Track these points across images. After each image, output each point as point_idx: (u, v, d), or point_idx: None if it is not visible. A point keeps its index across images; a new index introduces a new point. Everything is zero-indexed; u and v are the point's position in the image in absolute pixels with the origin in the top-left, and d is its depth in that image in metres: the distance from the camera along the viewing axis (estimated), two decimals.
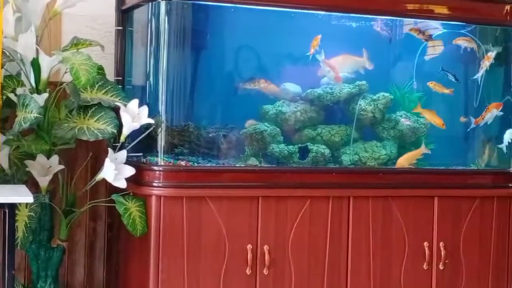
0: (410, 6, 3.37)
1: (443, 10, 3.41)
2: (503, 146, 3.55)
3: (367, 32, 3.46)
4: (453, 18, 3.47)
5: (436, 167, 3.48)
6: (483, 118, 3.54)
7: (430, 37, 3.44)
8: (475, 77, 3.57)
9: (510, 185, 3.50)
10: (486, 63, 3.51)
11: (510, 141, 3.53)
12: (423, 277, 3.30)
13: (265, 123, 3.29)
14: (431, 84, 3.48)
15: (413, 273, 3.28)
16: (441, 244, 3.32)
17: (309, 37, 3.31)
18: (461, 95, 3.65)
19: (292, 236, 3.08)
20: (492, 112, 3.53)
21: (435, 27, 3.54)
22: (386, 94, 3.46)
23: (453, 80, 3.48)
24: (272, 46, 3.37)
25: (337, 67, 3.36)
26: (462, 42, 3.52)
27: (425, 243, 3.30)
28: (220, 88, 3.33)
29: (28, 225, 2.86)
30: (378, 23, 3.44)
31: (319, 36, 3.27)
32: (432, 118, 3.46)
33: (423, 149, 3.41)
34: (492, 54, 3.51)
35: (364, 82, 3.42)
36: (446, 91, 3.48)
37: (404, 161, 3.37)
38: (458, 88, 3.60)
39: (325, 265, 3.13)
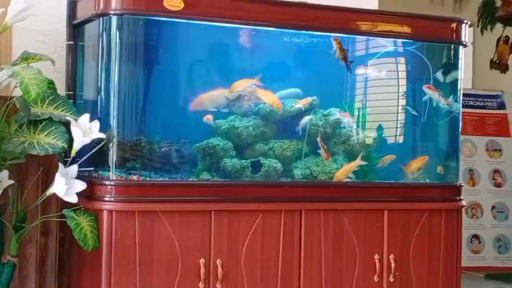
0: (360, 24, 3.43)
1: (391, 27, 3.48)
2: None
3: (316, 49, 3.50)
4: (401, 35, 3.55)
5: (385, 181, 3.54)
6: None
7: (344, 56, 3.42)
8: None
9: (458, 198, 3.58)
10: (443, 103, 3.58)
11: None
12: None
13: (218, 138, 3.31)
14: (426, 88, 3.55)
15: (364, 285, 3.32)
16: (391, 256, 3.37)
17: (261, 52, 3.36)
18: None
19: (245, 249, 3.10)
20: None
21: (383, 44, 3.62)
22: (337, 109, 3.51)
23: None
24: (223, 61, 3.40)
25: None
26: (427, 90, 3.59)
27: (376, 256, 3.35)
28: (172, 103, 3.34)
29: None
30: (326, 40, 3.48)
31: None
32: (268, 98, 3.41)
33: (358, 161, 3.46)
34: (451, 100, 3.58)
35: (315, 97, 3.46)
36: (443, 100, 3.53)
37: (341, 174, 3.41)
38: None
39: (278, 278, 3.15)
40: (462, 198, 3.59)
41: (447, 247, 3.50)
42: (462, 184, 3.66)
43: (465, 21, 3.61)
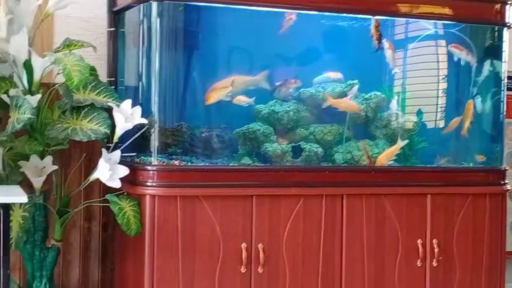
0: (401, 6, 3.39)
1: (433, 9, 3.43)
2: None
3: (356, 32, 3.47)
4: (443, 17, 3.49)
5: (428, 165, 3.50)
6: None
7: (379, 39, 3.40)
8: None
9: (502, 182, 3.52)
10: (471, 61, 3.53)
11: None
12: (417, 274, 3.32)
13: (258, 122, 3.31)
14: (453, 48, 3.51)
15: (407, 270, 3.29)
16: (435, 241, 3.34)
17: (301, 36, 3.34)
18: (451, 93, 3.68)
19: (286, 234, 3.10)
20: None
21: (425, 27, 3.57)
22: (378, 93, 3.48)
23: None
24: (265, 46, 3.38)
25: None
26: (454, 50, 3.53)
27: (419, 240, 3.32)
28: None
29: (22, 226, 2.86)
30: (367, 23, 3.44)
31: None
32: (346, 105, 3.42)
33: (400, 144, 3.42)
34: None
35: (356, 81, 3.43)
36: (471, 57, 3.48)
37: (383, 158, 3.38)
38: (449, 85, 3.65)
39: (319, 263, 3.15)
40: (506, 182, 3.54)
41: (491, 231, 3.46)
42: (507, 168, 3.60)
43: (509, 2, 3.54)
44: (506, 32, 3.61)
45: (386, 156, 3.39)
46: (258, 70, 3.36)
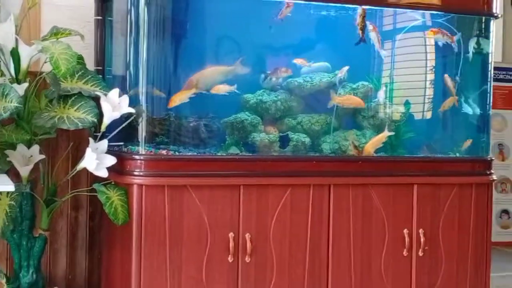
0: None
1: None
2: None
3: (343, 22, 3.47)
4: (430, 7, 3.50)
5: (415, 155, 3.52)
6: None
7: (363, 30, 3.38)
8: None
9: (488, 172, 3.55)
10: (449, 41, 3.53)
11: None
12: (403, 264, 3.33)
13: (246, 112, 3.31)
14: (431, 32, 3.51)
15: (393, 260, 3.31)
16: (421, 231, 3.36)
17: (289, 25, 3.33)
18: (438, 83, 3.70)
19: (273, 224, 3.10)
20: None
21: (413, 17, 3.58)
22: (366, 83, 3.49)
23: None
24: (252, 35, 3.38)
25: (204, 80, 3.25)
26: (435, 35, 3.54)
27: (405, 230, 3.34)
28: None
29: (9, 215, 2.85)
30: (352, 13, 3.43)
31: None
32: (352, 101, 3.44)
33: (386, 133, 3.43)
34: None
35: (347, 67, 3.43)
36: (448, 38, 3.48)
37: (370, 147, 3.39)
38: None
39: (306, 253, 3.16)
40: (492, 172, 3.56)
41: (477, 221, 3.48)
42: (493, 158, 3.62)
43: None
44: (493, 23, 3.62)
45: (373, 145, 3.40)
46: (247, 58, 3.36)
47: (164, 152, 3.05)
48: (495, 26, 3.64)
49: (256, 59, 3.40)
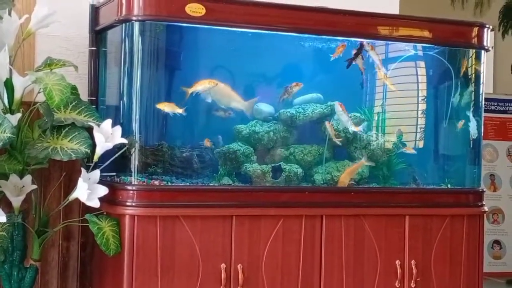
0: (381, 28, 3.43)
1: (412, 32, 3.47)
2: None
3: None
4: (422, 40, 3.53)
5: (406, 186, 3.53)
6: None
7: (355, 55, 3.41)
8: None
9: (480, 203, 3.56)
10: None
11: None
12: None
13: (239, 143, 3.32)
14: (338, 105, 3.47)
15: None
16: (413, 262, 3.36)
17: (281, 57, 3.37)
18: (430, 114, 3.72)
19: (265, 254, 3.10)
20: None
21: (405, 49, 3.61)
22: (357, 114, 3.51)
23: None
24: (245, 66, 3.41)
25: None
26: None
27: (397, 261, 3.34)
28: (194, 108, 3.34)
29: (0, 245, 2.84)
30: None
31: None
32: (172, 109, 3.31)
33: (363, 162, 3.44)
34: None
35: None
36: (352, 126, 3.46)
37: (345, 177, 3.40)
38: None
39: (299, 283, 3.15)
40: (484, 203, 3.57)
41: (469, 253, 3.48)
42: (484, 190, 3.64)
43: (487, 26, 3.60)
44: (484, 55, 3.65)
45: (349, 174, 3.40)
46: (241, 90, 3.38)
47: (156, 182, 3.06)
48: (486, 58, 3.68)
49: (250, 90, 3.42)
